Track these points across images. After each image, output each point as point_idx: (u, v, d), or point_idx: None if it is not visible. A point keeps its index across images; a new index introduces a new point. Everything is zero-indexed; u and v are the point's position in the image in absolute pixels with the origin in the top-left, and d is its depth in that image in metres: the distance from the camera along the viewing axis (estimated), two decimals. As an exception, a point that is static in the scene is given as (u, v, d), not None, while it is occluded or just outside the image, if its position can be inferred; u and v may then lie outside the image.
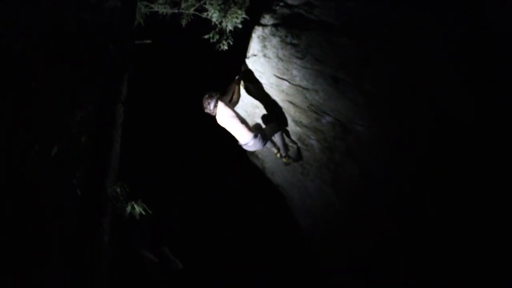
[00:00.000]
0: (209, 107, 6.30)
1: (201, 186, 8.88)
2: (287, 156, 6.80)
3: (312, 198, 7.15)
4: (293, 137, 6.81)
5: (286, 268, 8.39)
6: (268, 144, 6.66)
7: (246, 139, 6.29)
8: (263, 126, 6.75)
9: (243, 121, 6.30)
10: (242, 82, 6.78)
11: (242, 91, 6.82)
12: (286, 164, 6.95)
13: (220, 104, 6.27)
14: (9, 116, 6.18)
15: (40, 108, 6.37)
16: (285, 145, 6.75)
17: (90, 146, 6.21)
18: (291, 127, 6.72)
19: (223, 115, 6.32)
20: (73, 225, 6.06)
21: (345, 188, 6.54)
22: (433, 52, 5.36)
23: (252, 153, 7.63)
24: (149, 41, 6.76)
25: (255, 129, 6.43)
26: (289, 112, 6.61)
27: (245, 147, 6.49)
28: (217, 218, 8.76)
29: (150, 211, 6.37)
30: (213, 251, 8.57)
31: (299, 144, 6.80)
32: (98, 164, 6.16)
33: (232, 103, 6.42)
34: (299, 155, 6.91)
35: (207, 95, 6.33)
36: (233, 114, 6.26)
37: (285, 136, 6.81)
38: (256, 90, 6.84)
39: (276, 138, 6.68)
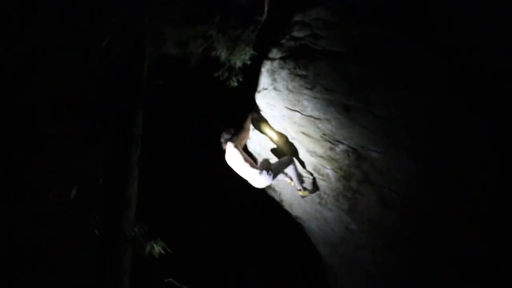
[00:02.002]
0: (222, 144, 6.59)
1: (218, 220, 8.85)
2: (302, 188, 6.78)
3: (331, 227, 7.07)
4: (308, 168, 6.80)
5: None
6: (280, 177, 6.63)
7: (251, 177, 6.43)
8: (275, 160, 6.74)
9: (246, 159, 6.41)
10: (251, 119, 6.84)
11: (252, 127, 6.88)
12: (302, 196, 6.92)
13: (230, 145, 6.45)
14: (26, 161, 6.32)
15: (57, 152, 6.50)
16: (299, 178, 6.75)
17: (107, 187, 6.27)
18: (306, 157, 6.72)
19: (229, 155, 6.52)
20: (93, 266, 6.06)
21: (363, 215, 6.48)
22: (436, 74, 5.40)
23: (269, 186, 7.60)
24: (161, 82, 6.88)
25: (262, 166, 6.50)
26: (303, 143, 6.62)
27: (254, 185, 6.59)
28: (236, 251, 8.68)
29: (169, 250, 6.35)
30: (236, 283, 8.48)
31: (315, 175, 6.78)
32: (115, 205, 6.19)
33: (241, 141, 6.58)
34: (315, 186, 6.88)
35: (223, 133, 6.60)
36: (238, 155, 6.40)
37: (299, 169, 6.79)
38: (268, 125, 6.87)
39: (290, 171, 6.70)
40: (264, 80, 6.62)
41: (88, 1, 6.69)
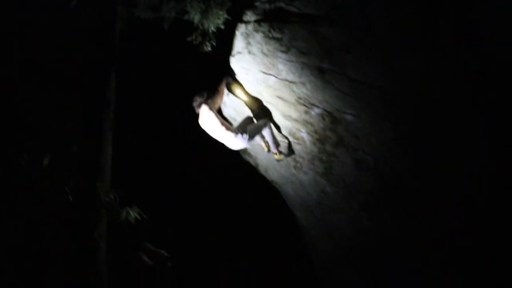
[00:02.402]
0: (196, 108, 6.49)
1: (194, 186, 8.83)
2: (278, 152, 6.80)
3: (307, 191, 7.13)
4: (284, 132, 6.81)
5: (283, 264, 8.33)
6: (256, 140, 6.67)
7: (226, 139, 6.42)
8: (251, 123, 6.72)
9: (223, 123, 6.37)
10: (226, 83, 6.79)
11: (226, 91, 6.83)
12: (278, 160, 6.94)
13: (204, 108, 6.38)
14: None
15: (28, 119, 6.35)
16: (275, 141, 6.76)
17: (81, 154, 6.18)
18: (281, 122, 6.73)
19: (204, 119, 6.47)
20: (68, 233, 6.01)
21: (338, 178, 6.55)
22: (413, 33, 5.41)
23: (245, 151, 7.60)
24: (133, 46, 6.75)
25: (238, 128, 6.49)
26: (278, 107, 6.62)
27: (228, 147, 6.60)
28: (212, 217, 8.70)
29: (145, 216, 6.32)
30: (209, 249, 8.50)
31: (290, 139, 6.80)
32: (90, 171, 6.12)
33: (215, 104, 6.50)
34: (290, 150, 6.90)
35: (195, 96, 6.49)
36: (213, 118, 6.35)
37: (275, 132, 6.79)
38: (243, 89, 6.83)
39: (265, 134, 6.71)
40: (239, 43, 6.55)
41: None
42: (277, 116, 6.73)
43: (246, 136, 6.34)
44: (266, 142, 6.87)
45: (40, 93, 6.42)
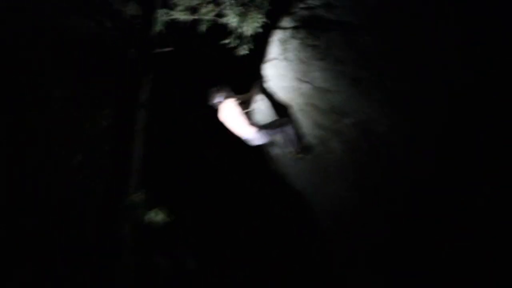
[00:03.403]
0: (214, 100, 6.52)
1: (220, 189, 8.80)
2: (297, 151, 6.80)
3: (335, 201, 7.01)
4: (314, 140, 6.71)
5: (302, 269, 8.23)
6: (277, 138, 6.81)
7: (247, 134, 6.44)
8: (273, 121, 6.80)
9: (245, 118, 6.41)
10: (259, 87, 6.77)
11: (259, 96, 6.80)
12: (298, 158, 6.91)
13: (230, 102, 6.41)
14: (30, 125, 6.27)
15: (63, 117, 6.44)
16: (295, 141, 6.73)
17: (113, 154, 6.23)
18: (313, 130, 6.64)
19: (227, 113, 6.48)
20: (94, 232, 6.06)
21: (368, 189, 6.41)
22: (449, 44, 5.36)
23: (271, 158, 7.55)
24: (170, 48, 6.78)
25: (260, 125, 6.53)
26: (310, 114, 6.58)
27: (250, 143, 6.64)
28: (234, 221, 8.66)
29: (172, 217, 6.33)
30: (231, 252, 8.46)
31: (321, 147, 6.69)
32: (120, 171, 6.15)
33: (243, 102, 6.57)
34: (310, 149, 6.79)
35: (216, 89, 6.52)
36: (238, 113, 6.39)
37: (294, 132, 6.71)
38: (275, 95, 6.79)
39: (287, 133, 6.67)
40: (275, 49, 6.54)
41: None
42: (308, 124, 6.64)
43: (266, 132, 6.40)
44: (286, 142, 6.80)
45: (75, 92, 6.51)
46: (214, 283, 7.81)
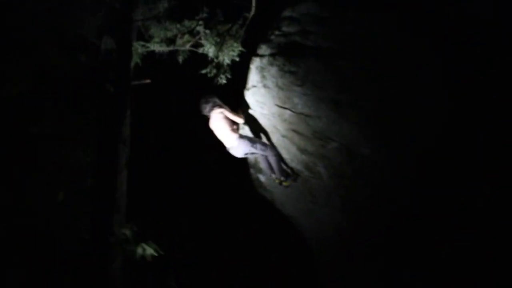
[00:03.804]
0: (205, 110, 6.81)
1: (209, 219, 8.78)
2: (284, 178, 6.92)
3: (323, 226, 7.02)
4: (299, 166, 6.74)
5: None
6: (263, 165, 7.05)
7: (231, 141, 6.61)
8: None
9: (231, 126, 6.65)
10: (243, 113, 6.81)
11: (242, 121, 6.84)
12: (286, 186, 7.02)
13: (217, 109, 6.66)
14: (11, 162, 6.16)
15: (43, 153, 6.35)
16: (281, 169, 6.84)
17: (96, 189, 6.14)
18: (297, 155, 6.66)
19: (216, 118, 6.70)
20: (82, 270, 5.96)
21: (355, 212, 6.42)
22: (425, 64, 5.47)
23: (261, 184, 7.54)
24: (148, 81, 6.74)
25: (244, 135, 6.72)
26: (294, 140, 6.57)
27: (231, 151, 6.76)
28: (226, 249, 8.65)
29: (161, 252, 6.25)
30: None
31: (306, 173, 6.71)
32: (105, 207, 6.07)
33: (231, 115, 6.74)
34: (295, 175, 6.91)
35: (203, 99, 6.80)
36: (223, 118, 6.65)
37: (280, 160, 6.83)
38: (257, 122, 6.80)
39: (273, 162, 6.81)
40: (253, 77, 6.54)
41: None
42: (292, 150, 6.65)
43: (248, 143, 6.56)
44: (271, 169, 6.98)
45: (54, 128, 6.42)
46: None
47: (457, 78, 5.33)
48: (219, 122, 6.65)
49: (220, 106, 6.71)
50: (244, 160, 7.65)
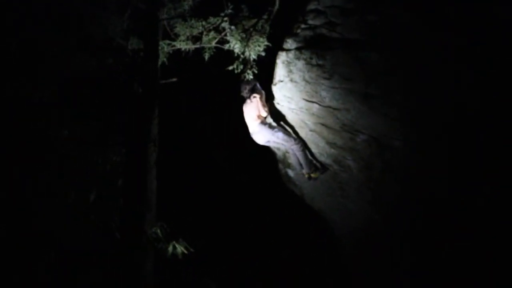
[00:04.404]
0: (244, 91, 6.96)
1: (239, 216, 8.79)
2: (312, 171, 6.87)
3: (354, 219, 6.94)
4: (328, 160, 6.68)
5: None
6: (292, 159, 7.06)
7: (253, 126, 6.85)
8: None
9: (257, 112, 6.80)
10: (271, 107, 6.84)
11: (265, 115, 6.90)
12: (313, 178, 6.97)
13: (254, 94, 6.82)
14: (41, 166, 6.26)
15: (73, 156, 6.43)
16: (309, 162, 6.82)
17: (127, 189, 6.19)
18: (326, 149, 6.61)
19: (249, 102, 6.91)
20: (115, 269, 6.02)
21: (387, 205, 6.35)
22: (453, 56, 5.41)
23: (289, 180, 7.49)
24: (174, 79, 6.76)
25: (264, 121, 6.86)
26: (323, 134, 6.53)
27: (253, 136, 6.98)
28: (258, 244, 8.65)
29: (191, 249, 6.27)
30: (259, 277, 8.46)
31: (335, 167, 6.64)
32: (136, 206, 6.11)
33: (264, 105, 6.87)
34: (324, 168, 6.86)
35: (245, 80, 6.84)
36: (254, 106, 6.81)
37: (308, 154, 6.84)
38: (283, 118, 6.91)
39: (299, 155, 6.81)
40: (280, 72, 6.52)
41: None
42: (321, 144, 6.60)
43: (270, 130, 6.73)
44: (300, 164, 6.96)
45: (83, 130, 6.49)
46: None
47: (479, 62, 5.27)
48: (250, 107, 6.85)
49: (258, 92, 6.87)
50: (261, 156, 7.65)
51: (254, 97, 6.81)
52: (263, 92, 6.93)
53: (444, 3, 5.51)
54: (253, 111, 6.83)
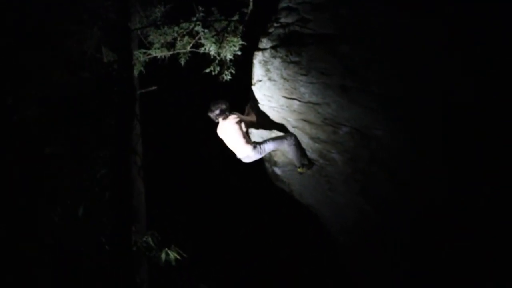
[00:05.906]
0: (213, 114, 6.47)
1: (229, 216, 8.83)
2: (300, 166, 6.80)
3: (345, 212, 6.99)
4: (313, 155, 6.72)
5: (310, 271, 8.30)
6: (278, 146, 6.75)
7: (245, 151, 6.47)
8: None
9: (245, 136, 6.48)
10: (252, 109, 6.78)
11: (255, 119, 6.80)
12: (300, 173, 6.94)
13: (232, 117, 6.45)
14: (29, 183, 6.28)
15: (59, 172, 6.45)
16: (298, 156, 6.71)
17: (113, 201, 6.22)
18: (310, 144, 6.65)
19: (229, 126, 6.46)
20: (109, 282, 6.05)
21: (375, 195, 6.38)
22: (431, 43, 5.37)
23: (277, 177, 7.52)
24: (154, 87, 6.78)
25: (257, 142, 6.60)
26: (305, 130, 6.56)
27: (243, 160, 6.67)
28: (250, 245, 8.69)
29: (184, 255, 6.31)
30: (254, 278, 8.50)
31: (321, 161, 6.68)
32: (123, 218, 6.13)
33: (246, 121, 6.65)
34: (310, 162, 6.85)
35: (215, 102, 6.48)
36: (238, 128, 6.41)
37: (298, 149, 6.74)
38: (267, 117, 6.83)
39: (289, 150, 6.70)
40: (258, 71, 6.53)
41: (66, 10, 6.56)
42: (305, 140, 6.63)
43: (259, 149, 6.46)
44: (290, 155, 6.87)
45: (66, 146, 6.51)
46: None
47: (465, 56, 5.22)
48: (233, 131, 6.42)
49: (234, 113, 6.51)
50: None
51: (236, 118, 6.44)
52: (236, 112, 6.62)
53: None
54: (239, 135, 6.41)
